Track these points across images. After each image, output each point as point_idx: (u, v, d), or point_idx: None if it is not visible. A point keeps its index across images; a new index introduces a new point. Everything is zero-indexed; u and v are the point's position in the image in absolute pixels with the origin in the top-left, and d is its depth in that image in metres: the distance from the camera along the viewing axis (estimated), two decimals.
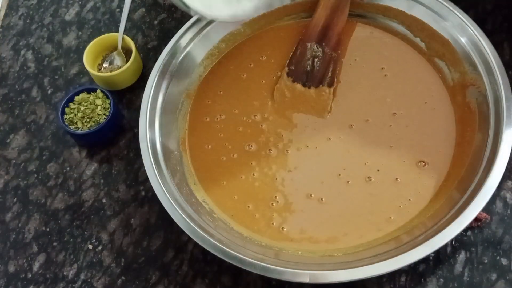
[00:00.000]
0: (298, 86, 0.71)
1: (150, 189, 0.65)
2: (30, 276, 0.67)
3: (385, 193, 0.64)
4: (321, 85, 0.70)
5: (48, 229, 0.69)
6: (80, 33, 0.86)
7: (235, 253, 0.57)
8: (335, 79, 0.70)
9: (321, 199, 0.65)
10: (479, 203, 0.56)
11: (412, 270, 0.61)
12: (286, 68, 0.72)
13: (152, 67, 0.71)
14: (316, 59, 0.71)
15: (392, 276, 0.61)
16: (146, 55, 0.82)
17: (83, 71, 0.82)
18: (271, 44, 0.76)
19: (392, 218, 0.62)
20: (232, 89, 0.74)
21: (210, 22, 0.74)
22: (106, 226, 0.68)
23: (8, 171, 0.75)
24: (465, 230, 0.61)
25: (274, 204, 0.65)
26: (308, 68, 0.70)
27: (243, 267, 0.56)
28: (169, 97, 0.71)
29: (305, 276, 0.55)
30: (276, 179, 0.67)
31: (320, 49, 0.70)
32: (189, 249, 0.65)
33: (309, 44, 0.71)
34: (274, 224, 0.64)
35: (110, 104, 0.73)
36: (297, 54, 0.72)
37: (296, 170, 0.67)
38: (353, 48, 0.75)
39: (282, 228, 0.64)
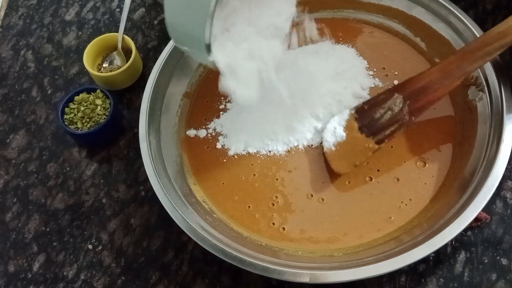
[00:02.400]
0: (355, 125, 0.66)
1: (150, 189, 0.65)
2: (30, 276, 0.67)
3: (385, 193, 0.64)
4: (371, 137, 0.65)
5: (48, 229, 0.69)
6: (80, 33, 0.86)
7: (235, 253, 0.57)
8: (386, 141, 0.64)
9: (321, 199, 0.65)
10: (479, 203, 0.56)
11: (412, 270, 0.61)
12: (361, 104, 0.68)
13: (152, 67, 0.71)
14: (390, 112, 0.64)
15: (392, 276, 0.60)
16: (146, 55, 0.82)
17: (83, 71, 0.82)
18: None
19: (392, 218, 0.62)
20: None
21: None
22: (106, 226, 0.68)
23: (8, 171, 0.75)
24: (465, 230, 0.61)
25: (274, 204, 0.65)
26: (376, 116, 0.65)
27: (243, 267, 0.56)
28: (169, 97, 0.71)
29: (305, 276, 0.55)
30: (277, 179, 0.67)
31: (401, 105, 0.64)
32: (189, 249, 0.65)
33: (396, 95, 0.65)
34: (274, 224, 0.64)
35: (110, 104, 0.73)
36: (379, 99, 0.66)
37: (296, 170, 0.67)
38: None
39: (282, 228, 0.64)
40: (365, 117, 0.66)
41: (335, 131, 0.66)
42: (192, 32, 0.54)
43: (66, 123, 0.72)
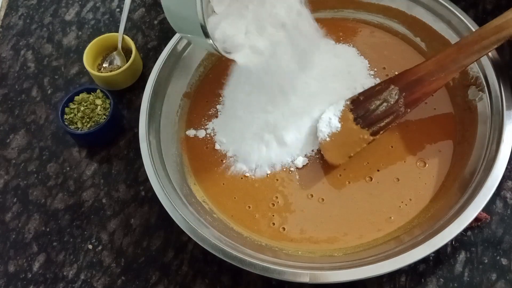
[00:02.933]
0: (350, 116, 0.66)
1: (150, 189, 0.65)
2: (30, 276, 0.67)
3: (385, 193, 0.64)
4: (366, 128, 0.65)
5: (48, 229, 0.69)
6: (80, 33, 0.86)
7: (235, 253, 0.57)
8: (381, 132, 0.65)
9: (321, 199, 0.65)
10: (479, 203, 0.56)
11: (412, 270, 0.61)
12: (356, 95, 0.68)
13: (152, 67, 0.71)
14: (385, 103, 0.65)
15: (392, 276, 0.60)
16: (146, 55, 0.82)
17: (83, 71, 0.82)
18: None
19: (392, 218, 0.62)
20: None
21: None
22: (106, 226, 0.68)
23: (8, 171, 0.75)
24: (465, 230, 0.61)
25: (274, 205, 0.65)
26: (372, 107, 0.65)
27: (243, 267, 0.56)
28: (169, 97, 0.71)
29: (305, 276, 0.55)
30: (277, 179, 0.67)
31: (396, 97, 0.64)
32: (189, 249, 0.65)
33: (392, 87, 0.65)
34: (274, 224, 0.64)
35: (110, 104, 0.73)
36: (375, 90, 0.66)
37: (296, 171, 0.67)
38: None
39: (283, 228, 0.64)
40: (360, 108, 0.66)
41: (330, 121, 0.66)
42: (186, 14, 0.55)
43: (66, 123, 0.72)
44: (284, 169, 0.67)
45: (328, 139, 0.66)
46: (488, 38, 0.60)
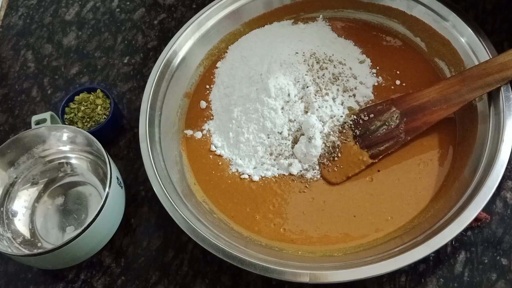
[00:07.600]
0: (349, 133, 0.66)
1: (150, 189, 0.65)
2: (30, 276, 0.67)
3: (385, 193, 0.64)
4: (365, 150, 0.65)
5: None
6: (80, 33, 0.86)
7: (235, 253, 0.57)
8: (381, 157, 0.65)
9: (322, 199, 0.65)
10: (479, 203, 0.56)
11: (412, 270, 0.61)
12: (356, 111, 0.67)
13: (152, 67, 0.71)
14: (385, 126, 0.65)
15: (392, 276, 0.60)
16: (146, 55, 0.82)
17: (83, 71, 0.82)
18: None
19: (392, 218, 0.62)
20: None
21: (210, 22, 0.74)
22: None
23: None
24: (465, 230, 0.60)
25: (274, 206, 0.65)
26: (372, 127, 0.65)
27: (243, 267, 0.56)
28: (169, 97, 0.71)
29: (305, 276, 0.55)
30: (276, 181, 0.67)
31: (397, 121, 0.64)
32: (189, 249, 0.65)
33: (394, 109, 0.65)
34: (275, 225, 0.64)
35: (110, 104, 0.73)
36: (376, 109, 0.66)
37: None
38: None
39: (283, 229, 0.63)
40: (360, 126, 0.66)
41: (329, 135, 0.66)
42: None
43: (66, 123, 0.72)
44: (283, 171, 0.67)
45: (326, 154, 0.66)
46: (493, 75, 0.60)
